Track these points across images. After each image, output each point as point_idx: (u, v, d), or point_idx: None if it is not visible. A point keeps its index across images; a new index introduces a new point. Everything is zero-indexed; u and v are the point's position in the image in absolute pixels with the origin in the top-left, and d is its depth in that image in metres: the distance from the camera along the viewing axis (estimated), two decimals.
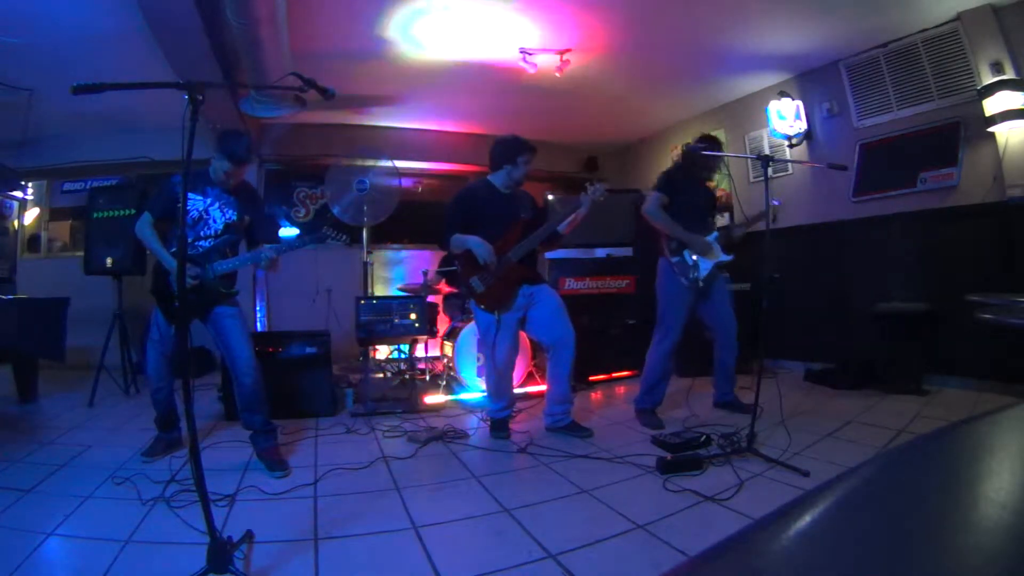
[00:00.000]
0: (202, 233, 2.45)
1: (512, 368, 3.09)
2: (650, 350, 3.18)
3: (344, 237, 2.46)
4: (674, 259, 3.12)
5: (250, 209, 2.58)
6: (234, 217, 2.51)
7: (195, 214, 2.43)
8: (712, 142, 3.25)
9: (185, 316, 1.84)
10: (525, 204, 3.04)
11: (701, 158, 3.16)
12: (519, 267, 2.91)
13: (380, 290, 5.60)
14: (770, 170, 2.61)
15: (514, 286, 2.91)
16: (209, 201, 2.48)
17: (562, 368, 2.92)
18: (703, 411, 3.30)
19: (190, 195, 2.40)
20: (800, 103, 4.71)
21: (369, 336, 3.69)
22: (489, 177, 3.04)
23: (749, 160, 5.14)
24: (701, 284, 3.10)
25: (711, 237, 3.16)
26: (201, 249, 2.44)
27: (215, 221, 2.48)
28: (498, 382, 2.97)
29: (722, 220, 5.43)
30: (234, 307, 2.52)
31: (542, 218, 3.05)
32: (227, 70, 3.75)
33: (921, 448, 0.68)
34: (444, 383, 3.99)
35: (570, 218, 2.92)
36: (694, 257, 3.11)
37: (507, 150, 2.94)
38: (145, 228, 2.50)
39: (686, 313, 3.15)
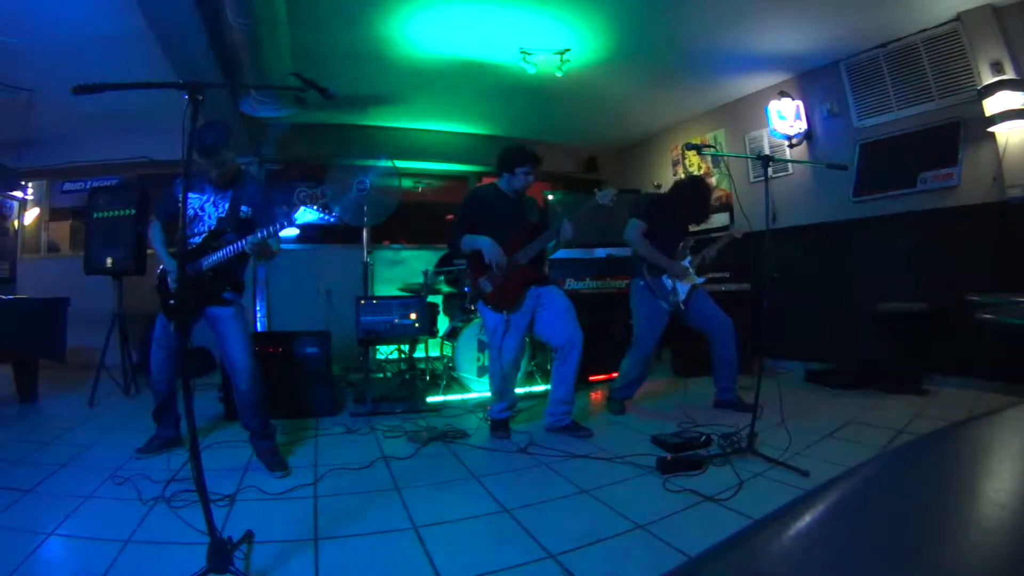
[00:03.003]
0: (196, 230, 2.45)
1: (517, 370, 3.11)
2: (627, 356, 3.38)
3: (336, 211, 2.38)
4: (653, 281, 3.27)
5: (248, 199, 2.52)
6: (226, 210, 2.49)
7: (191, 212, 2.43)
8: (698, 184, 3.50)
9: (183, 315, 1.83)
10: (531, 208, 3.08)
11: (691, 203, 3.39)
12: (527, 269, 2.94)
13: (380, 290, 5.59)
14: (770, 170, 2.61)
15: (522, 287, 2.94)
16: (205, 198, 2.48)
17: (569, 369, 2.93)
18: (703, 411, 3.30)
19: (190, 194, 2.38)
20: (800, 103, 4.71)
21: (369, 336, 3.69)
22: (496, 181, 3.09)
23: (749, 160, 5.14)
24: (682, 307, 3.28)
25: (685, 263, 3.33)
26: (192, 247, 2.42)
27: (209, 217, 2.48)
28: (502, 383, 2.97)
29: (721, 220, 5.44)
30: (231, 307, 2.47)
31: (547, 222, 3.08)
32: (227, 70, 3.75)
33: (921, 448, 0.69)
34: (444, 383, 3.99)
35: (552, 243, 2.98)
36: (672, 282, 3.28)
37: (507, 160, 2.98)
38: (154, 234, 2.57)
39: (661, 330, 3.34)
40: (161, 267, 2.57)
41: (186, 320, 1.71)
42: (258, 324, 5.56)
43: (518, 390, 3.36)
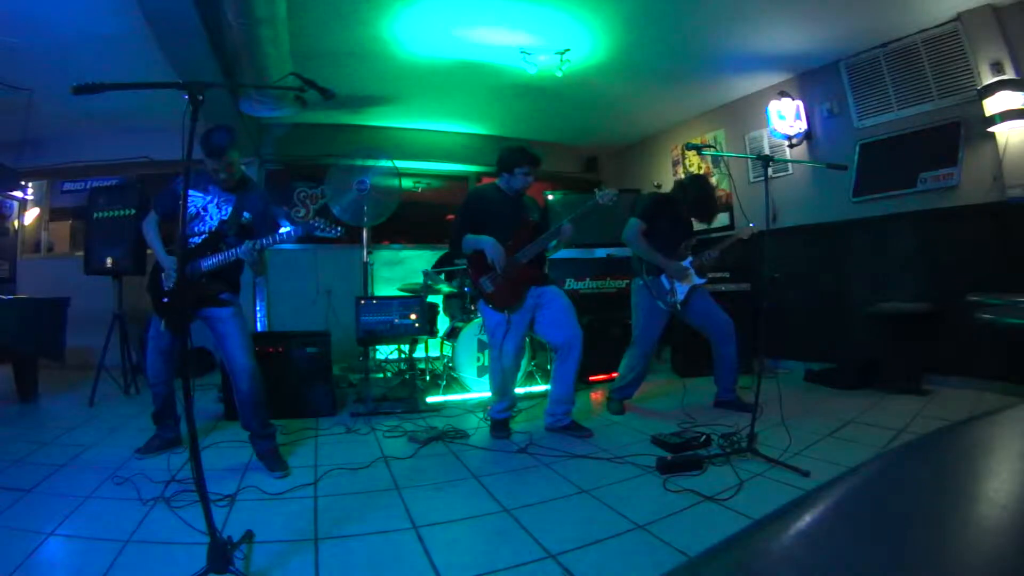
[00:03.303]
0: (196, 229, 2.45)
1: (517, 369, 3.12)
2: (626, 355, 3.40)
3: (339, 228, 2.39)
4: (651, 281, 3.26)
5: (250, 206, 2.54)
6: (229, 213, 2.49)
7: (193, 211, 2.44)
8: (698, 181, 3.50)
9: (181, 315, 1.83)
10: (532, 208, 3.08)
11: (699, 202, 3.36)
12: (528, 268, 2.94)
13: (380, 290, 5.59)
14: (770, 170, 2.61)
15: (523, 287, 2.94)
16: (209, 198, 2.48)
17: (568, 368, 2.94)
18: (703, 411, 3.30)
19: (192, 192, 2.39)
20: (800, 103, 4.71)
21: (369, 336, 3.69)
22: (496, 181, 3.10)
23: (749, 160, 5.14)
24: (680, 308, 3.27)
25: (686, 263, 3.31)
26: (192, 246, 2.43)
27: (211, 218, 2.48)
28: (503, 383, 2.97)
29: (721, 220, 5.44)
30: (230, 308, 2.47)
31: (547, 222, 3.09)
32: (227, 70, 3.75)
33: (921, 448, 0.68)
34: (444, 383, 3.99)
35: (553, 242, 2.98)
36: (671, 282, 3.27)
37: (506, 160, 2.99)
38: (150, 227, 2.57)
39: (660, 330, 3.35)
40: (153, 265, 2.55)
41: (181, 320, 1.70)
42: (258, 324, 5.57)
43: (518, 390, 3.36)
